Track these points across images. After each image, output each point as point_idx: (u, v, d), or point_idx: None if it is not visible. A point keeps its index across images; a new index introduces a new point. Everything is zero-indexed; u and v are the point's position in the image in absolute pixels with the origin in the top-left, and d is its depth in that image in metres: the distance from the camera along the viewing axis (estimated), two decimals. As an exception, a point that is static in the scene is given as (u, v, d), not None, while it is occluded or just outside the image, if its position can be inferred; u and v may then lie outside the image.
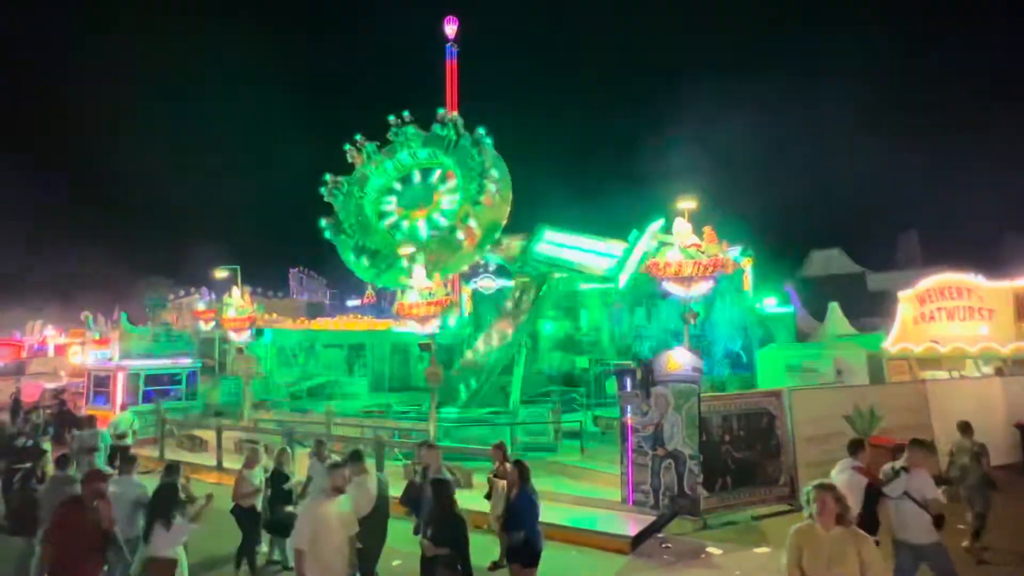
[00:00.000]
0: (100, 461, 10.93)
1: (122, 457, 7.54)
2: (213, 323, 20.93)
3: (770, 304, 26.21)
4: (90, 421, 12.50)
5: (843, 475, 6.50)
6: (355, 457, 6.90)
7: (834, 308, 23.77)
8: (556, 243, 16.69)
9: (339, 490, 5.64)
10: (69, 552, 5.31)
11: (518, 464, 6.82)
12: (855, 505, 6.03)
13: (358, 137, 18.08)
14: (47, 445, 12.47)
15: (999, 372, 14.58)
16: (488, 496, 8.21)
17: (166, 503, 6.00)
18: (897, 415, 11.33)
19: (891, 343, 16.36)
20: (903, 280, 19.85)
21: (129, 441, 12.88)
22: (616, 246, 15.58)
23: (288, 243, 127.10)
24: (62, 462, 7.32)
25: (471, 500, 8.62)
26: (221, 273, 26.61)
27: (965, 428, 8.66)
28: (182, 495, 6.39)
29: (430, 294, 13.31)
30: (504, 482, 7.93)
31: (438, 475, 7.01)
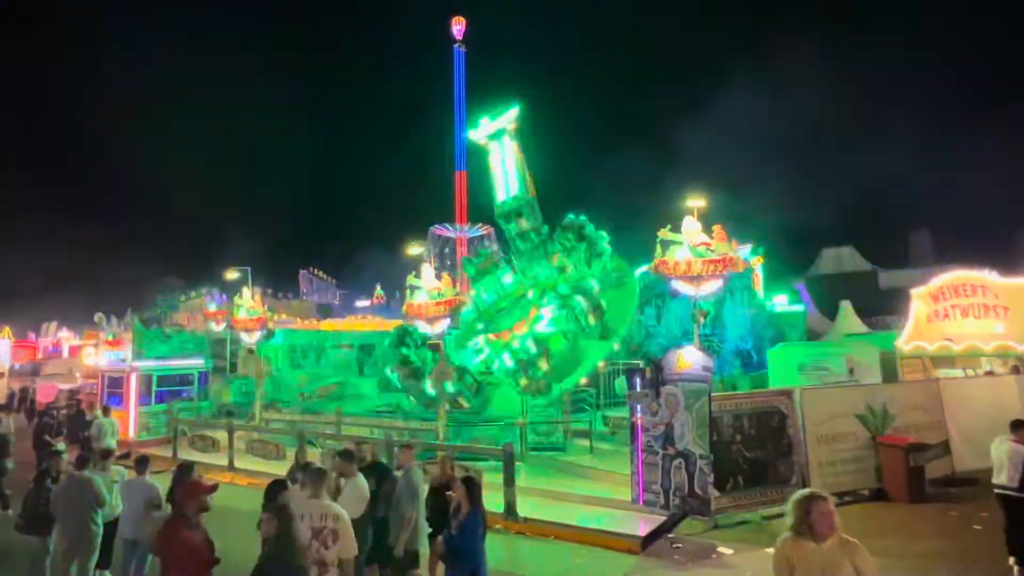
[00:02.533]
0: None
1: (136, 459, 7.58)
2: (224, 324, 21.15)
3: (781, 302, 26.07)
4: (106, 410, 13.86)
5: (1003, 445, 7.48)
6: (345, 457, 6.52)
7: (846, 306, 23.60)
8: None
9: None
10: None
11: (467, 482, 5.72)
12: (1016, 472, 7.30)
13: None
14: (62, 445, 12.62)
15: (1015, 370, 14.40)
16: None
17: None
18: (910, 414, 11.23)
19: (904, 341, 16.15)
20: (916, 278, 19.60)
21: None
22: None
23: (298, 244, 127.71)
24: (80, 462, 7.34)
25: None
26: (232, 274, 26.82)
27: None
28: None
29: (439, 294, 13.34)
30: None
31: (410, 475, 6.53)
